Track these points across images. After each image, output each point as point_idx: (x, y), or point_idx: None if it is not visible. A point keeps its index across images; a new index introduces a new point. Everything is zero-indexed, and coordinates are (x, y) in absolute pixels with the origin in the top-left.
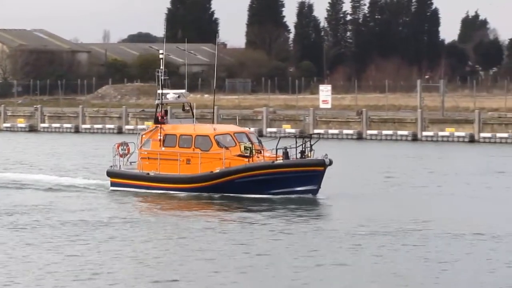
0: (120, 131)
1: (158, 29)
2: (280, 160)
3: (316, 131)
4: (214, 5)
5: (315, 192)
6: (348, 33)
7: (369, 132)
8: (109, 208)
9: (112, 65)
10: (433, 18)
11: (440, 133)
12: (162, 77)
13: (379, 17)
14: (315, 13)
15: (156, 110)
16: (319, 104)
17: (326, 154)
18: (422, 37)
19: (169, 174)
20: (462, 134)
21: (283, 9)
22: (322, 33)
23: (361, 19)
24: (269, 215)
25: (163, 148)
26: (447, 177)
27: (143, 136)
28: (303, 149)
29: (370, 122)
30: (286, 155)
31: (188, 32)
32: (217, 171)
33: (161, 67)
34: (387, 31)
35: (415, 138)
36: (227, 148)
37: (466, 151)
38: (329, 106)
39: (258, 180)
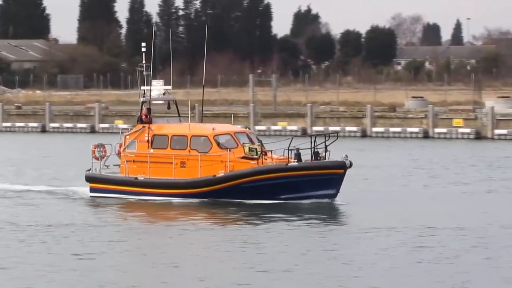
0: None
1: None
2: (294, 162)
3: None
4: (46, 1)
5: (333, 196)
6: (181, 28)
7: None
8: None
9: None
10: (266, 13)
11: (273, 127)
12: (145, 72)
13: (211, 12)
14: (147, 8)
15: (142, 108)
16: None
17: (346, 155)
18: (254, 32)
19: (162, 178)
20: (295, 127)
21: (115, 4)
22: (154, 28)
23: (193, 14)
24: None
25: (151, 150)
26: None
27: (127, 137)
28: (315, 149)
29: (203, 117)
30: (298, 156)
31: (19, 28)
32: (221, 174)
33: (143, 61)
34: (220, 26)
35: None
36: (229, 149)
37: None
38: (161, 101)
39: (269, 184)
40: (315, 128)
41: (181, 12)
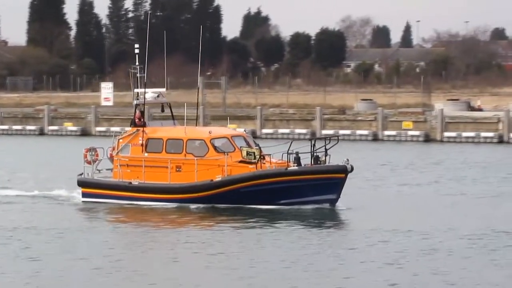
0: None
1: None
2: (293, 167)
3: (97, 128)
4: None
5: (334, 201)
6: (130, 30)
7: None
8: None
9: None
10: (215, 15)
11: None
12: (139, 75)
13: (160, 14)
14: (96, 10)
15: (135, 111)
16: (100, 101)
17: (347, 159)
18: (204, 34)
19: (158, 183)
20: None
21: (64, 6)
22: (104, 30)
23: (142, 16)
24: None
25: (146, 154)
26: None
27: (120, 140)
28: (313, 153)
29: (152, 119)
30: (298, 160)
31: None
32: (219, 179)
33: (136, 63)
34: (169, 28)
35: None
36: (226, 153)
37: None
38: (111, 103)
39: (268, 189)
40: (264, 131)
41: (130, 14)
